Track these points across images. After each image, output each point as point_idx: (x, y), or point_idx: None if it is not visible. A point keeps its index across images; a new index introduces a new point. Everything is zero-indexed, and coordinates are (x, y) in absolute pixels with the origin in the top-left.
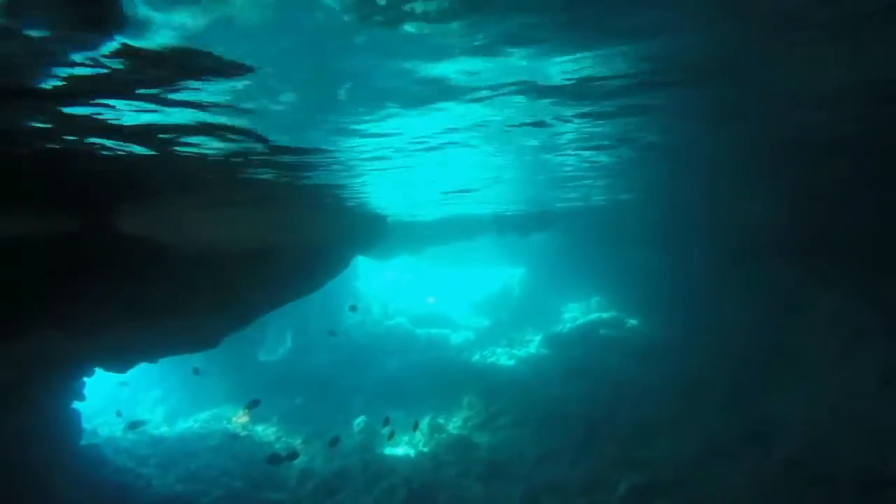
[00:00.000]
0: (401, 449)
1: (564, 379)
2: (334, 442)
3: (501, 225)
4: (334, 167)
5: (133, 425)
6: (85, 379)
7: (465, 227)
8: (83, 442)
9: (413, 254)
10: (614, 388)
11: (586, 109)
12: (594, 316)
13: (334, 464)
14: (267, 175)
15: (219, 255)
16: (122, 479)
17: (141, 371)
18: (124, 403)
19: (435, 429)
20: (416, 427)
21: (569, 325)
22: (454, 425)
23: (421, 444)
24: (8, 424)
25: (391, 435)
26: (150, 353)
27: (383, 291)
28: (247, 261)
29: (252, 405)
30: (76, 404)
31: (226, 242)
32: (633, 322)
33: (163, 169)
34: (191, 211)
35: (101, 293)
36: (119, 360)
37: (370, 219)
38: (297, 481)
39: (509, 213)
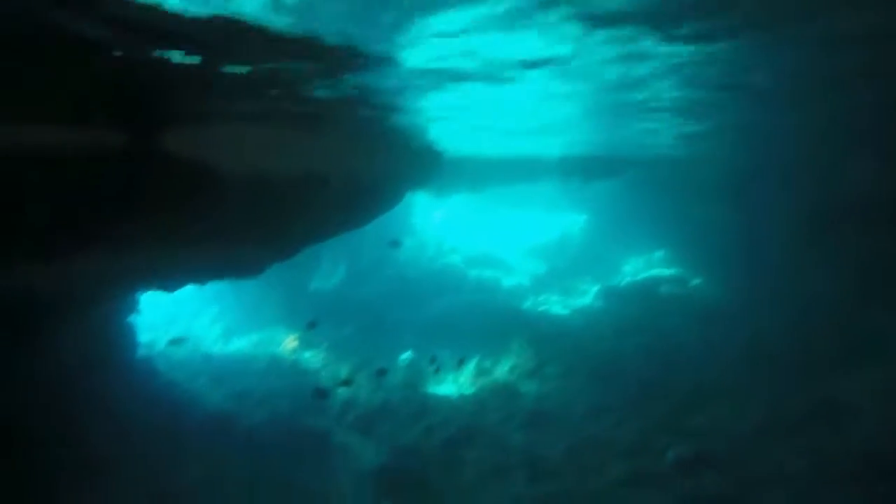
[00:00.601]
0: (445, 388)
1: (619, 334)
2: (381, 373)
3: (566, 169)
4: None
5: (174, 342)
6: (140, 295)
7: (528, 169)
8: (138, 355)
9: (472, 193)
10: (672, 349)
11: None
12: (656, 271)
13: (378, 396)
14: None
15: (268, 182)
16: (172, 393)
17: (199, 288)
18: (185, 318)
19: (481, 372)
20: (461, 364)
21: (628, 279)
22: (501, 371)
23: (465, 386)
24: (67, 333)
25: (437, 371)
26: (196, 277)
27: (439, 229)
28: (296, 190)
29: (310, 326)
30: (132, 318)
31: (276, 169)
32: (697, 281)
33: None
34: (243, 130)
35: (149, 215)
36: (167, 281)
37: (425, 153)
38: (340, 410)
39: (575, 156)
